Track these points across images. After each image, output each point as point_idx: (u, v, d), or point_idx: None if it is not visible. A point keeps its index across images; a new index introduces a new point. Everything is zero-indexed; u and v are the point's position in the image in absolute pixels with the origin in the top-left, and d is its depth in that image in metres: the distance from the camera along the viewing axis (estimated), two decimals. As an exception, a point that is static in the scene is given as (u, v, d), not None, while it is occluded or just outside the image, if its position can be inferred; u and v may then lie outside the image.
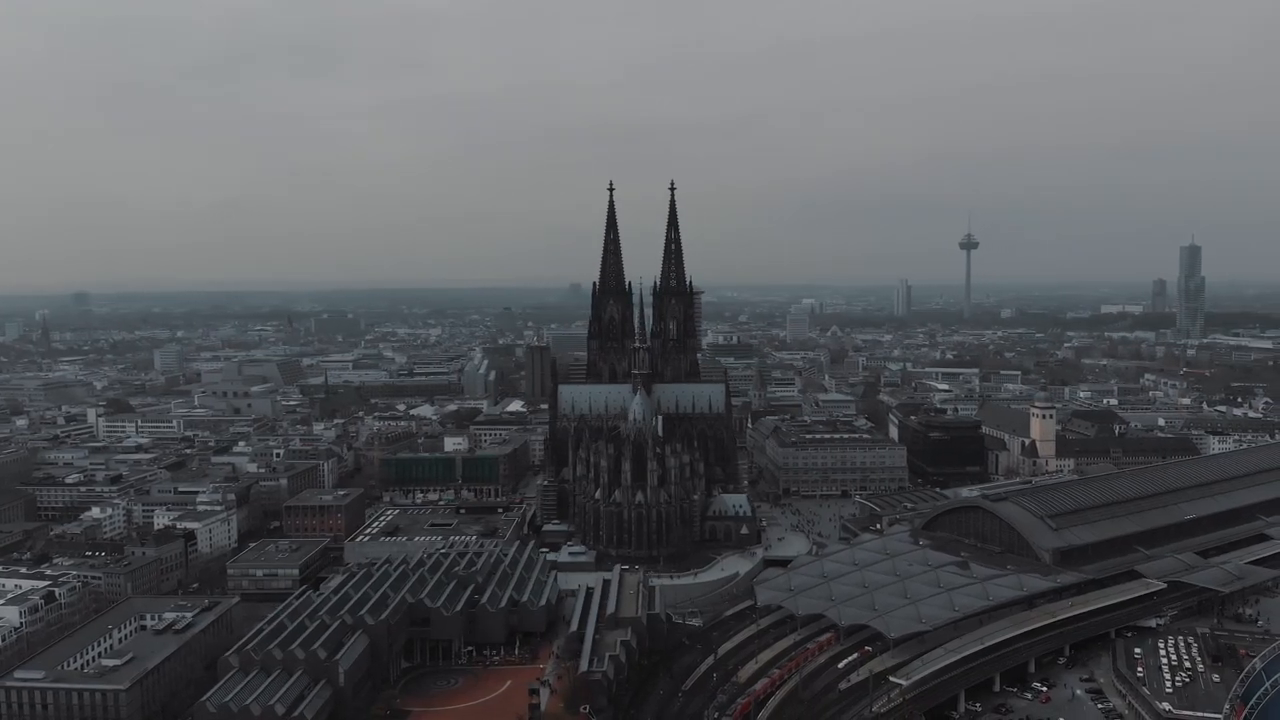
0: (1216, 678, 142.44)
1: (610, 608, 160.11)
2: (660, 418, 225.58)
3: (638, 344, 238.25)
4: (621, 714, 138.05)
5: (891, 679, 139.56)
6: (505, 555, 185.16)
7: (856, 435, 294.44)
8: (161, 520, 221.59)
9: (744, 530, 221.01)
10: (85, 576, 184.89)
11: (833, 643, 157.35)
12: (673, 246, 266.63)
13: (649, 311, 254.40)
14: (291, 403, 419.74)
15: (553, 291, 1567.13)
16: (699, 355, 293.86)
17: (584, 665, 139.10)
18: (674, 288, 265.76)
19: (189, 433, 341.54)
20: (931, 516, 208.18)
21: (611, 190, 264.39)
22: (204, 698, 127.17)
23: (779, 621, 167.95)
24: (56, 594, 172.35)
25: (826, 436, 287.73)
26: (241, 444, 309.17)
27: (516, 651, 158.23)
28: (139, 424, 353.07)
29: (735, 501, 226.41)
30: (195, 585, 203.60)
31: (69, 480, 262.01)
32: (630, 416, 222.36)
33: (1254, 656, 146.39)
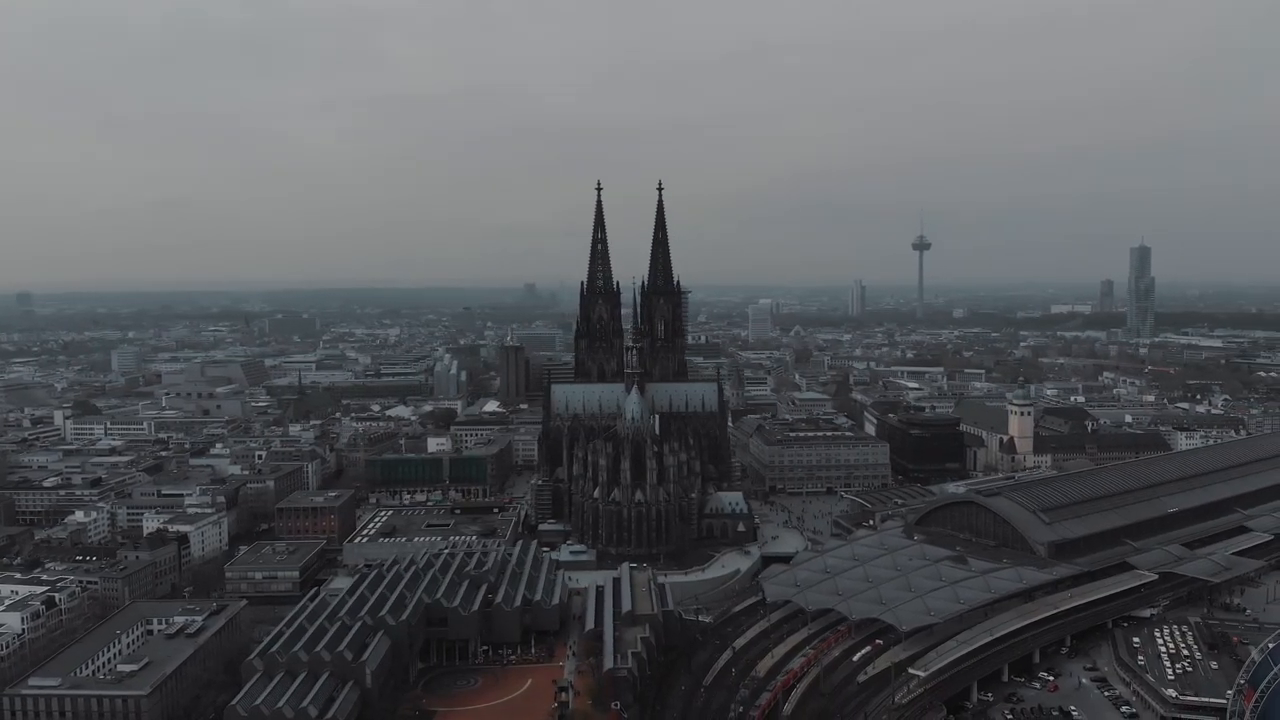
0: (1214, 665, 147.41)
1: (626, 605, 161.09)
2: (656, 416, 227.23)
3: (630, 343, 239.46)
4: (647, 710, 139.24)
5: (910, 670, 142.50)
6: (511, 555, 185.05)
7: (840, 433, 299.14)
8: (152, 524, 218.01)
9: (740, 527, 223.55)
10: (82, 581, 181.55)
11: (844, 636, 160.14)
12: (660, 246, 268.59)
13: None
14: (261, 404, 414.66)
15: (508, 291, 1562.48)
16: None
17: (609, 663, 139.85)
18: (661, 287, 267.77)
19: (161, 435, 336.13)
20: (925, 512, 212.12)
21: (599, 190, 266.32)
22: (234, 701, 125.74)
23: (788, 616, 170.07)
24: (57, 599, 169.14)
25: (811, 434, 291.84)
26: (219, 446, 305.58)
27: (533, 650, 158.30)
28: (108, 426, 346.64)
29: (731, 499, 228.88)
30: (189, 589, 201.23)
31: (47, 484, 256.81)
32: (627, 415, 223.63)
33: (1247, 644, 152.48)
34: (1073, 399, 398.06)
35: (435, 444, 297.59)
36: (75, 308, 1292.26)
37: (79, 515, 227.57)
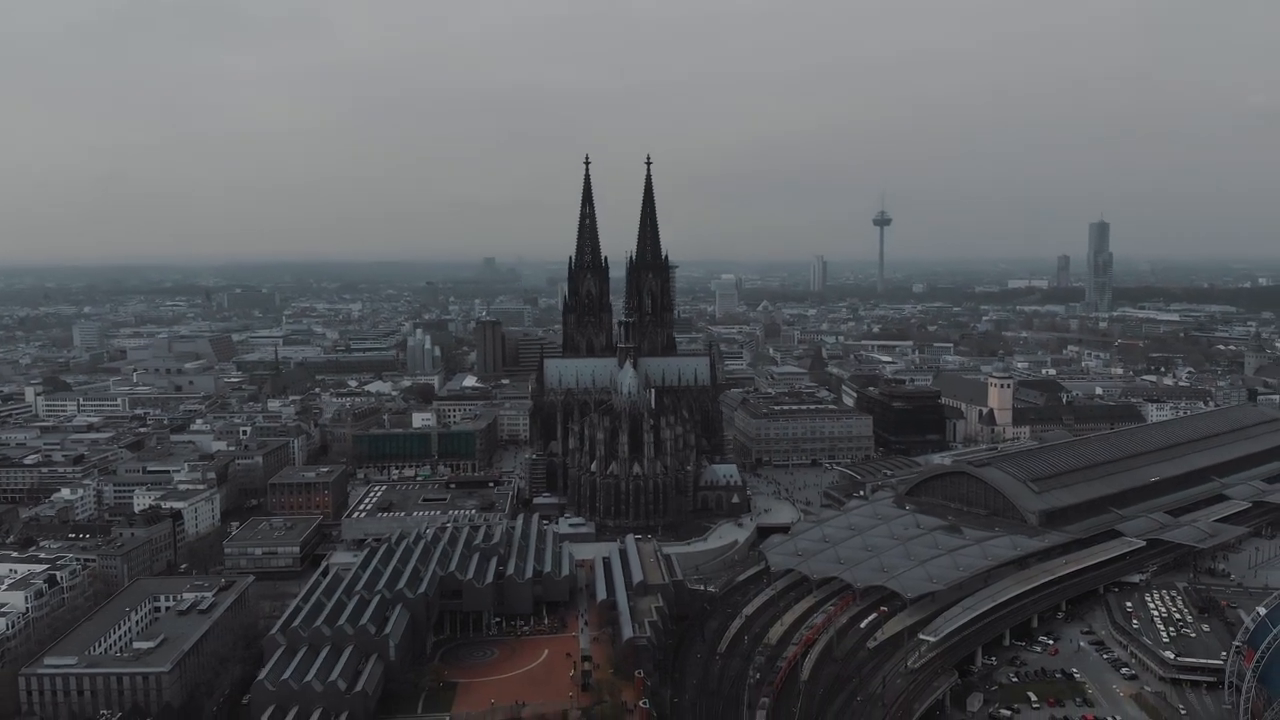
0: (1206, 627, 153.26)
1: (636, 576, 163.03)
2: (652, 390, 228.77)
3: (625, 318, 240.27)
4: (666, 678, 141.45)
5: (920, 635, 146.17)
6: (515, 528, 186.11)
7: (824, 406, 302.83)
8: (143, 501, 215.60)
9: (735, 499, 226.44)
10: (80, 559, 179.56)
11: (850, 603, 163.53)
12: (649, 221, 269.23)
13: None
14: (233, 379, 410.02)
15: (467, 266, 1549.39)
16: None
17: (628, 632, 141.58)
18: (650, 262, 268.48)
19: (137, 411, 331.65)
20: (915, 482, 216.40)
21: (587, 164, 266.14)
22: (260, 676, 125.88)
23: (793, 584, 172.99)
24: (58, 578, 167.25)
25: (796, 408, 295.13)
26: (199, 422, 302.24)
27: (545, 621, 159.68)
28: (81, 402, 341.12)
29: (726, 471, 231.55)
30: (185, 565, 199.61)
31: (28, 461, 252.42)
32: (623, 390, 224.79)
33: (1235, 607, 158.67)
34: (1044, 372, 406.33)
35: (420, 419, 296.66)
36: (23, 282, 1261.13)
37: (65, 493, 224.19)
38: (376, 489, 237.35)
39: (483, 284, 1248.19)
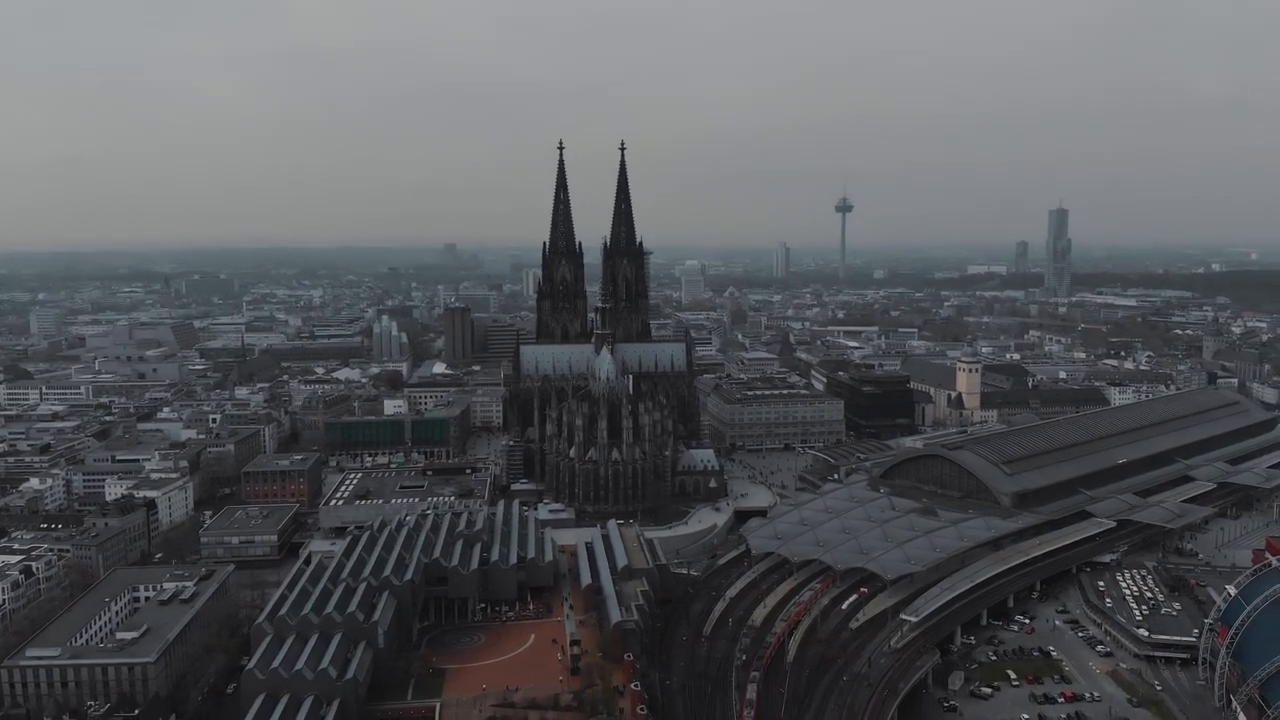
0: (1177, 605, 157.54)
1: (621, 560, 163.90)
2: (630, 376, 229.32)
3: (601, 304, 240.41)
4: (654, 661, 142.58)
5: (902, 616, 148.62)
6: (496, 514, 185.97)
7: (796, 391, 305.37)
8: (115, 490, 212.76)
9: (712, 484, 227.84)
10: (55, 549, 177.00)
11: (831, 585, 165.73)
12: (623, 207, 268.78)
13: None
14: (197, 367, 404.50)
15: (428, 251, 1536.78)
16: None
17: (615, 616, 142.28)
18: (625, 248, 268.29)
19: (100, 399, 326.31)
20: (889, 465, 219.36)
21: (561, 150, 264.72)
22: (249, 665, 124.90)
23: (774, 567, 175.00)
24: (34, 569, 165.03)
25: (769, 393, 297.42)
26: (166, 410, 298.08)
27: (530, 606, 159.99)
28: (43, 390, 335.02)
29: (703, 456, 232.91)
30: (160, 555, 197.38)
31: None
32: (601, 376, 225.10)
33: (1205, 586, 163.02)
34: (1007, 356, 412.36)
35: (392, 406, 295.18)
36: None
37: (34, 482, 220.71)
38: (352, 477, 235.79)
39: (445, 270, 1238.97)
